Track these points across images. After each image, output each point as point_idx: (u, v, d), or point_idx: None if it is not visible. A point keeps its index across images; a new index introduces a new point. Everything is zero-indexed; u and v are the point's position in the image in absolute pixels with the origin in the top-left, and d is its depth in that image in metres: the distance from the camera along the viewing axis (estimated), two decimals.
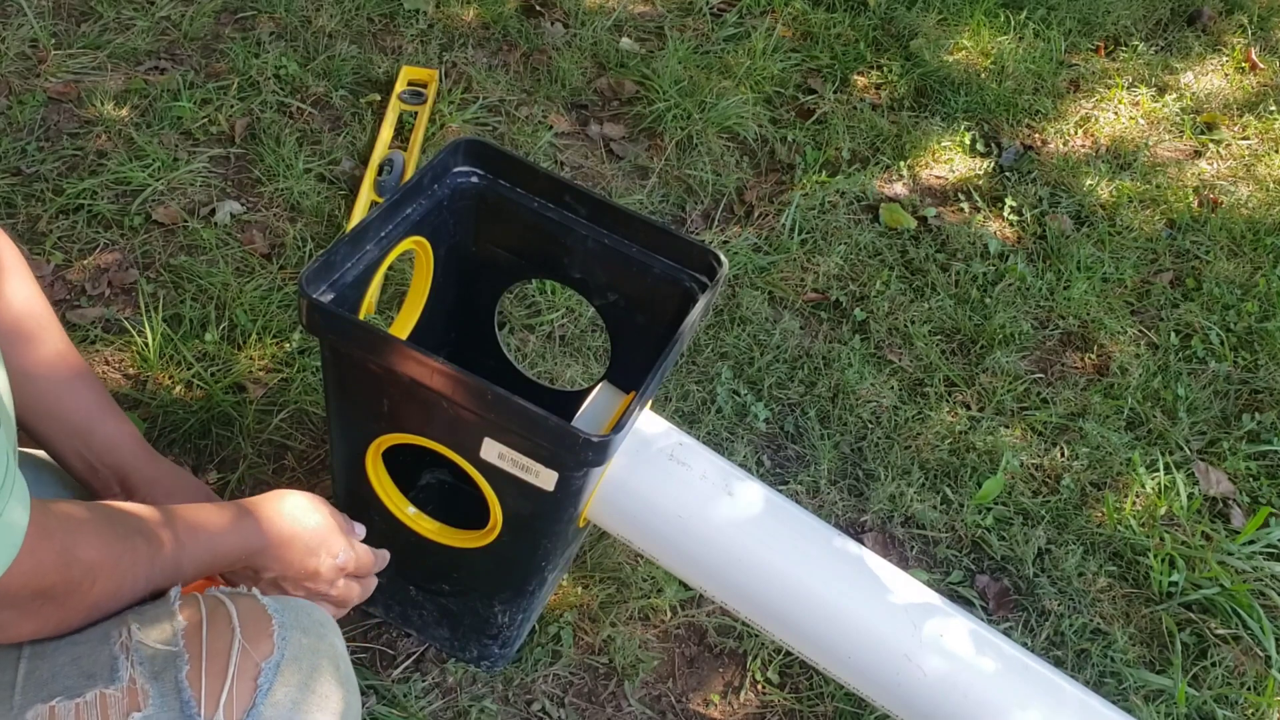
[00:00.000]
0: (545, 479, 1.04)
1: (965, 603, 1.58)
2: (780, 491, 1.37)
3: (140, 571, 0.85)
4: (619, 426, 1.00)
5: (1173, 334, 2.06)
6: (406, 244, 1.19)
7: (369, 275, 1.16)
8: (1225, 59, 2.89)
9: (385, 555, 1.12)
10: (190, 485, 1.12)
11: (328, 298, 1.09)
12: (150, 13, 2.18)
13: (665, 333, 1.19)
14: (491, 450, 1.05)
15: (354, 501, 1.22)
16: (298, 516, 1.00)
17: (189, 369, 1.59)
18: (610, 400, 1.27)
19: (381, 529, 1.21)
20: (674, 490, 1.14)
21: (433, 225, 1.22)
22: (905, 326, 1.95)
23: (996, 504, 1.70)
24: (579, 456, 0.99)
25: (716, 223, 2.08)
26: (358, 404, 1.12)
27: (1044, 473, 1.77)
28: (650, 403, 1.22)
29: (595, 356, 1.77)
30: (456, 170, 1.23)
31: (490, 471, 1.08)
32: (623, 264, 1.23)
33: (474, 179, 1.24)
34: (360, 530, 1.09)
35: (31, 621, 0.79)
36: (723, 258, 1.17)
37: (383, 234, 1.15)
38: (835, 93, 2.43)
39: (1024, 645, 1.48)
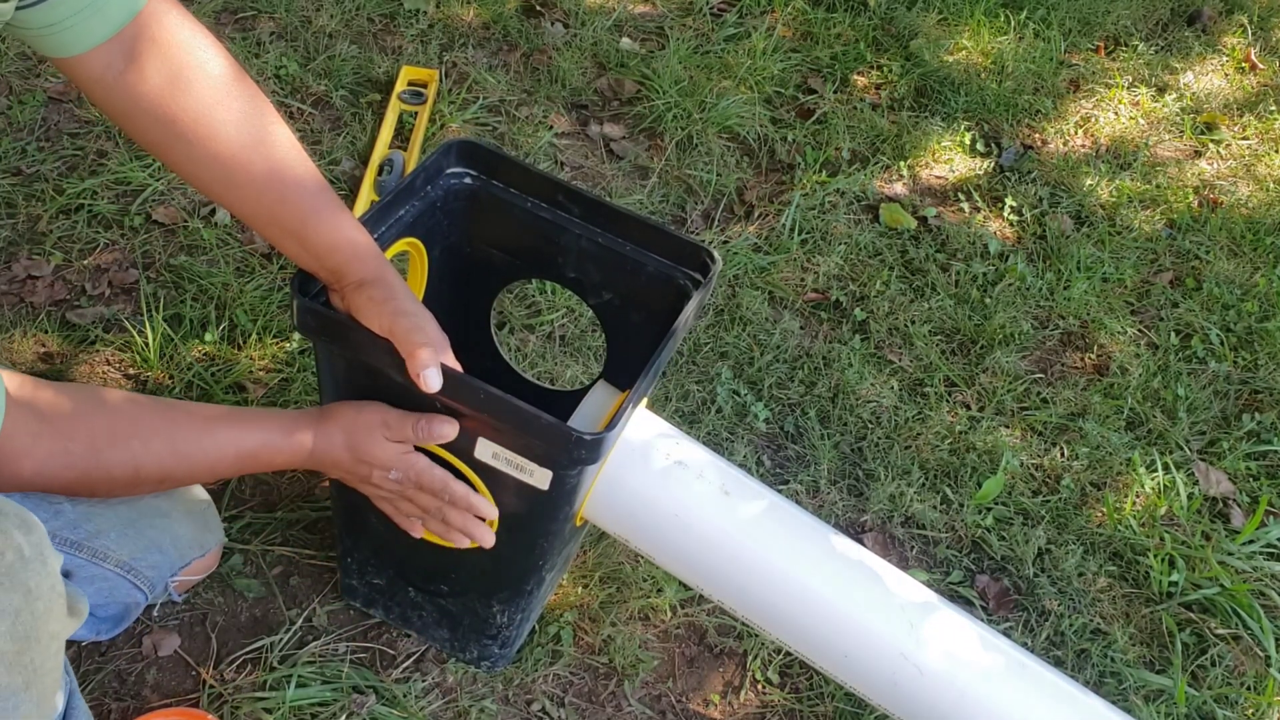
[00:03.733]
0: (540, 478, 1.04)
1: (965, 603, 1.58)
2: (780, 491, 1.37)
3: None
4: (612, 424, 1.00)
5: (1173, 334, 2.06)
6: (400, 245, 1.19)
7: None
8: (1225, 59, 2.89)
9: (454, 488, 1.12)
10: (394, 297, 1.07)
11: (320, 300, 1.10)
12: None
13: (661, 331, 1.18)
14: (486, 450, 1.05)
15: (351, 502, 1.22)
16: (337, 445, 1.08)
17: (189, 369, 1.59)
18: (606, 399, 1.27)
19: (379, 530, 1.21)
20: (671, 489, 1.14)
21: (426, 226, 1.22)
22: (905, 326, 1.95)
23: (996, 504, 1.70)
24: (572, 455, 0.99)
25: (716, 223, 2.08)
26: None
27: (1044, 473, 1.77)
28: (647, 402, 1.22)
29: (595, 356, 1.77)
30: (450, 171, 1.23)
31: (485, 471, 1.08)
32: (617, 263, 1.23)
33: (467, 180, 1.24)
34: (443, 429, 1.06)
35: None
36: (716, 255, 1.17)
37: (376, 236, 1.15)
38: (835, 93, 2.43)
39: (1024, 645, 1.48)
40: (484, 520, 1.13)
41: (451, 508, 1.12)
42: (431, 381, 0.98)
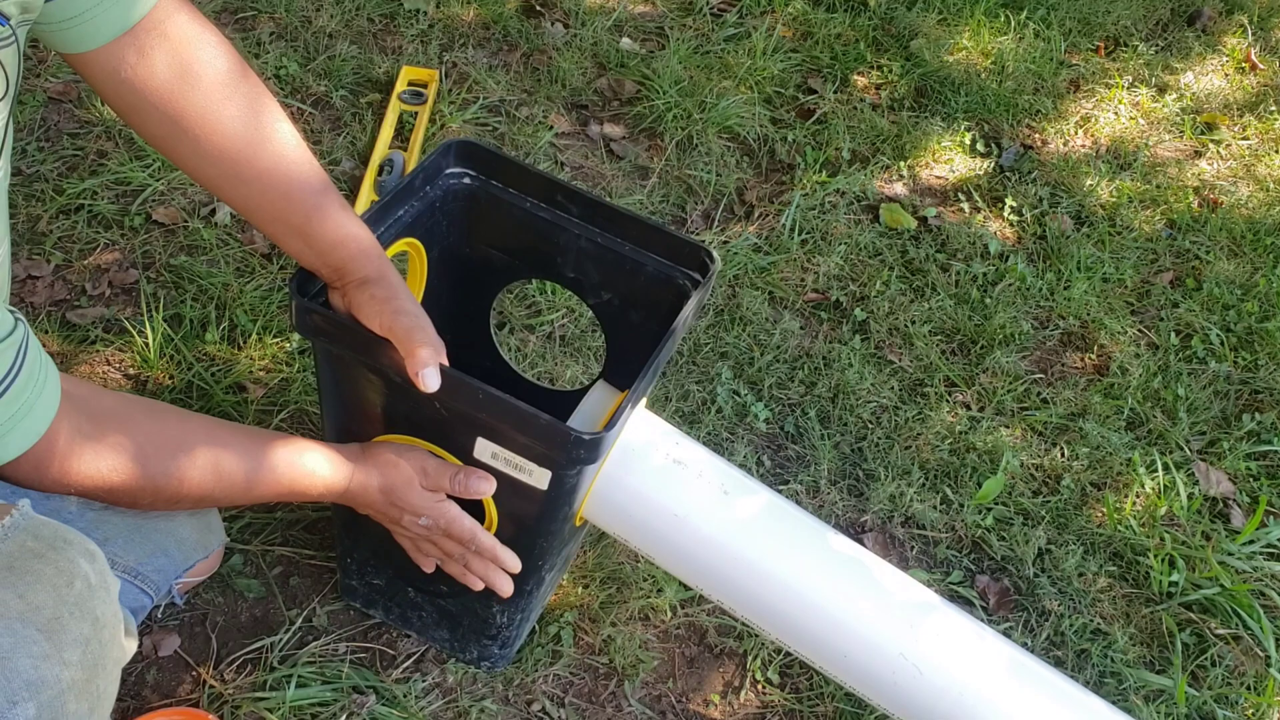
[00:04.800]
0: (539, 478, 1.04)
1: (965, 603, 1.58)
2: (780, 492, 1.37)
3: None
4: (611, 424, 1.00)
5: (1173, 334, 2.06)
6: (399, 246, 1.19)
7: None
8: (1225, 59, 2.89)
9: (501, 557, 1.16)
10: (396, 296, 1.08)
11: (320, 300, 1.10)
12: None
13: (660, 331, 1.19)
14: (485, 450, 1.05)
15: None
16: (372, 488, 1.09)
17: (189, 369, 1.59)
18: (606, 399, 1.27)
19: (379, 530, 1.21)
20: (671, 489, 1.13)
21: (425, 227, 1.22)
22: (905, 326, 1.95)
23: (996, 504, 1.70)
24: (571, 454, 0.99)
25: (717, 223, 2.08)
26: (351, 406, 1.13)
27: (1044, 473, 1.77)
28: (647, 402, 1.22)
29: (595, 356, 1.77)
30: (448, 171, 1.23)
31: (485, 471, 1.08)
32: (616, 263, 1.23)
33: (466, 180, 1.24)
34: (480, 486, 1.09)
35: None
36: (716, 255, 1.17)
37: (375, 235, 1.15)
38: (835, 93, 2.43)
39: (1024, 645, 1.48)
40: (506, 571, 1.16)
41: (476, 557, 1.15)
42: (430, 381, 0.99)
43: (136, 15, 0.97)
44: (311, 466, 1.07)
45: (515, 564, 1.15)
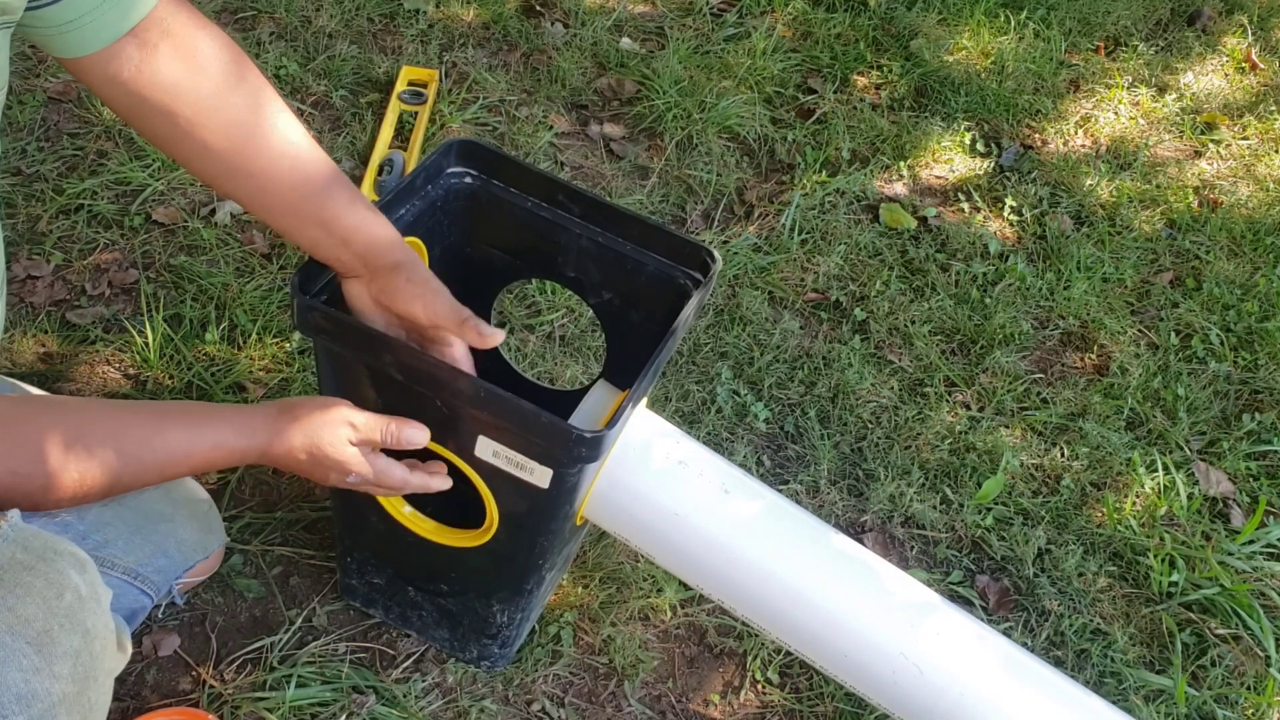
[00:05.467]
0: (540, 476, 1.04)
1: (965, 603, 1.58)
2: (780, 491, 1.37)
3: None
4: (612, 423, 1.00)
5: (1173, 334, 2.06)
6: None
7: None
8: (1225, 59, 2.89)
9: (417, 476, 1.11)
10: (430, 277, 1.09)
11: (321, 298, 1.09)
12: None
13: (661, 330, 1.18)
14: (486, 448, 1.05)
15: (350, 502, 1.22)
16: (295, 449, 1.04)
17: (189, 369, 1.59)
18: (606, 398, 1.27)
19: (379, 529, 1.22)
20: (671, 488, 1.13)
21: (426, 226, 1.22)
22: (905, 326, 1.95)
23: (996, 504, 1.70)
24: (572, 453, 0.99)
25: (717, 223, 2.08)
26: (352, 404, 1.12)
27: (1044, 473, 1.77)
28: (647, 401, 1.22)
29: (595, 356, 1.77)
30: (450, 171, 1.23)
31: (486, 470, 1.08)
32: (617, 262, 1.23)
33: (467, 179, 1.24)
34: (414, 436, 1.07)
35: None
36: (716, 254, 1.17)
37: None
38: (835, 93, 2.43)
39: (1024, 645, 1.48)
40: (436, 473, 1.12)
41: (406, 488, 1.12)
42: (497, 336, 1.03)
43: (137, 16, 0.97)
44: (225, 433, 1.02)
45: (445, 484, 1.12)
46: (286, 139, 1.06)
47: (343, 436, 1.04)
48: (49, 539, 0.85)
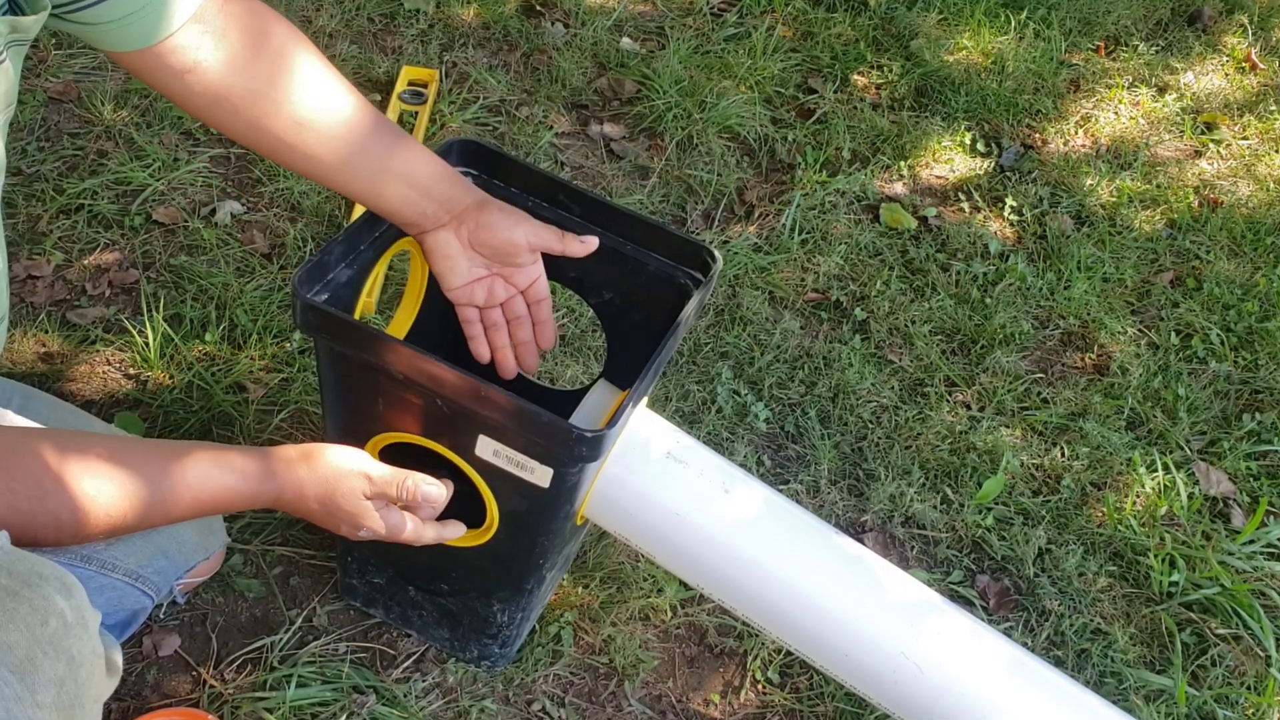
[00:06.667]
0: (540, 475, 1.04)
1: (965, 603, 1.58)
2: (780, 491, 1.37)
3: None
4: (612, 422, 1.00)
5: (1173, 334, 2.06)
6: (401, 245, 1.19)
7: (363, 276, 1.16)
8: (1225, 59, 2.89)
9: (429, 528, 1.11)
10: (512, 208, 1.15)
11: (322, 298, 1.09)
12: None
13: (661, 330, 1.18)
14: (487, 448, 1.05)
15: None
16: (309, 498, 1.03)
17: (189, 369, 1.59)
18: (607, 398, 1.27)
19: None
20: (672, 488, 1.13)
21: None
22: (905, 326, 1.95)
23: (997, 504, 1.70)
24: (573, 452, 0.99)
25: (717, 222, 2.08)
26: (353, 404, 1.13)
27: (1044, 473, 1.77)
28: (647, 401, 1.22)
29: (595, 356, 1.77)
30: None
31: (486, 469, 1.08)
32: (617, 262, 1.23)
33: (468, 179, 1.24)
34: (431, 494, 1.07)
35: None
36: (717, 254, 1.17)
37: (377, 234, 1.15)
38: (835, 93, 2.43)
39: (1024, 645, 1.48)
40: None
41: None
42: (593, 241, 1.15)
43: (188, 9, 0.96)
44: (234, 479, 1.00)
45: (459, 532, 1.13)
46: (358, 97, 1.07)
47: (357, 489, 1.04)
48: (35, 562, 0.83)
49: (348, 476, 1.04)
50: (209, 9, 0.97)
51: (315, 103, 1.04)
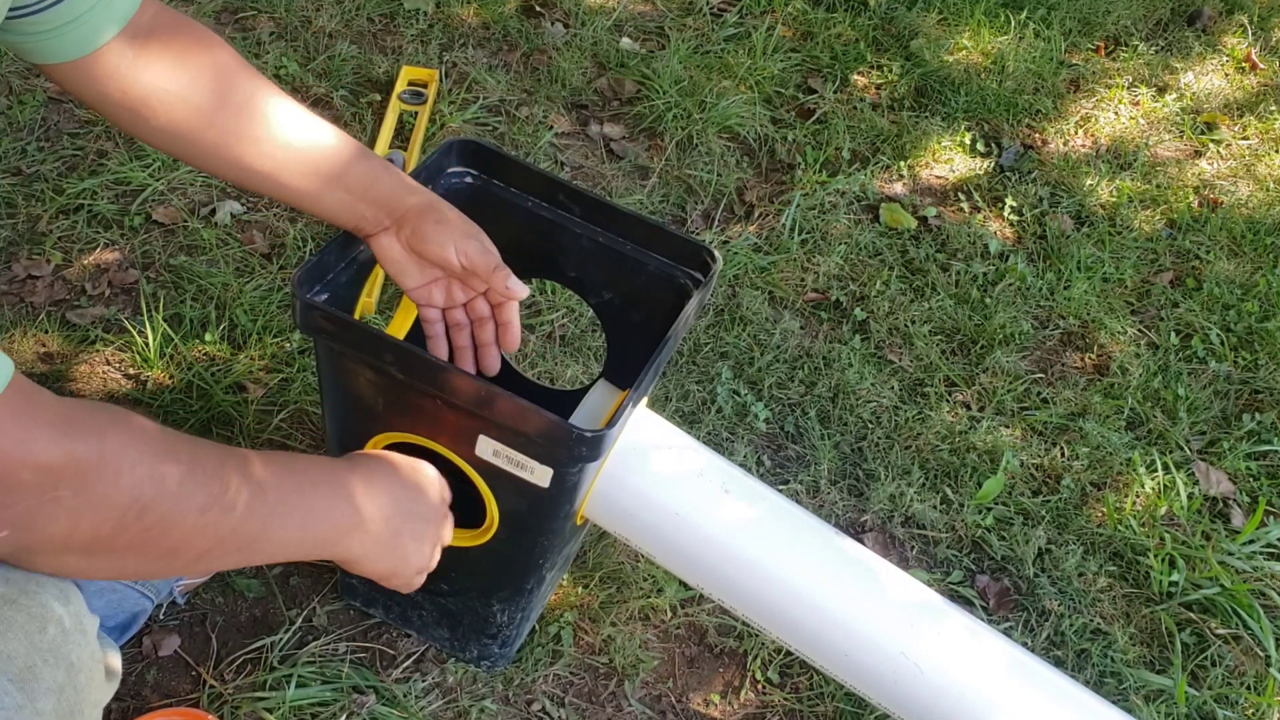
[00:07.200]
0: (540, 475, 1.04)
1: (965, 603, 1.58)
2: (780, 491, 1.37)
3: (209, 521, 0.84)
4: (612, 422, 1.00)
5: (1173, 334, 2.06)
6: None
7: (363, 276, 1.16)
8: (1225, 59, 2.89)
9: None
10: (461, 219, 1.09)
11: (321, 298, 1.09)
12: None
13: (661, 330, 1.19)
14: (486, 447, 1.05)
15: None
16: (388, 557, 1.00)
17: (189, 369, 1.59)
18: (607, 398, 1.27)
19: None
20: (672, 488, 1.13)
21: None
22: (905, 326, 1.95)
23: (996, 504, 1.70)
24: (573, 452, 0.99)
25: (717, 222, 2.08)
26: (353, 404, 1.13)
27: (1044, 473, 1.77)
28: (647, 401, 1.22)
29: (595, 356, 1.77)
30: (450, 171, 1.23)
31: (486, 469, 1.08)
32: (617, 262, 1.23)
33: (468, 179, 1.24)
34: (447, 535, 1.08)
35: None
36: (717, 254, 1.17)
37: None
38: (835, 93, 2.43)
39: (1024, 645, 1.48)
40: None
41: None
42: (522, 290, 1.08)
43: (129, 9, 0.96)
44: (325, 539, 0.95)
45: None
46: (296, 105, 1.07)
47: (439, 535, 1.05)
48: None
49: (445, 519, 1.06)
50: (141, 19, 0.98)
51: (247, 108, 1.04)
